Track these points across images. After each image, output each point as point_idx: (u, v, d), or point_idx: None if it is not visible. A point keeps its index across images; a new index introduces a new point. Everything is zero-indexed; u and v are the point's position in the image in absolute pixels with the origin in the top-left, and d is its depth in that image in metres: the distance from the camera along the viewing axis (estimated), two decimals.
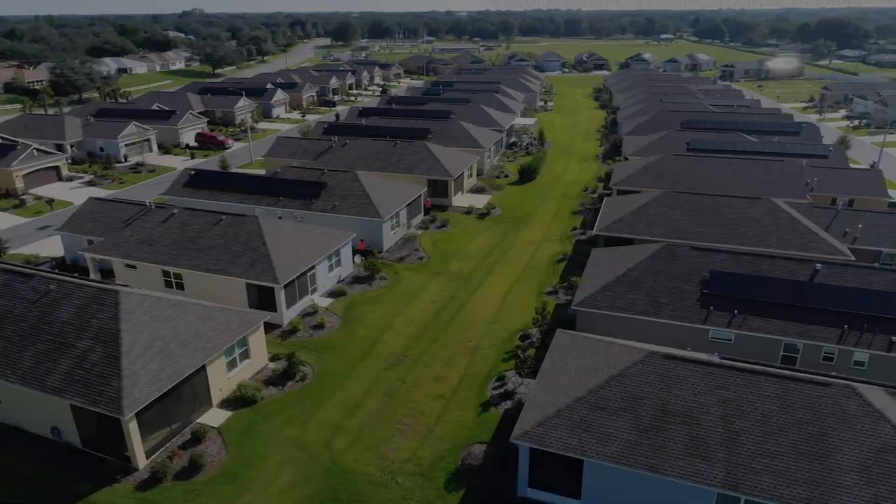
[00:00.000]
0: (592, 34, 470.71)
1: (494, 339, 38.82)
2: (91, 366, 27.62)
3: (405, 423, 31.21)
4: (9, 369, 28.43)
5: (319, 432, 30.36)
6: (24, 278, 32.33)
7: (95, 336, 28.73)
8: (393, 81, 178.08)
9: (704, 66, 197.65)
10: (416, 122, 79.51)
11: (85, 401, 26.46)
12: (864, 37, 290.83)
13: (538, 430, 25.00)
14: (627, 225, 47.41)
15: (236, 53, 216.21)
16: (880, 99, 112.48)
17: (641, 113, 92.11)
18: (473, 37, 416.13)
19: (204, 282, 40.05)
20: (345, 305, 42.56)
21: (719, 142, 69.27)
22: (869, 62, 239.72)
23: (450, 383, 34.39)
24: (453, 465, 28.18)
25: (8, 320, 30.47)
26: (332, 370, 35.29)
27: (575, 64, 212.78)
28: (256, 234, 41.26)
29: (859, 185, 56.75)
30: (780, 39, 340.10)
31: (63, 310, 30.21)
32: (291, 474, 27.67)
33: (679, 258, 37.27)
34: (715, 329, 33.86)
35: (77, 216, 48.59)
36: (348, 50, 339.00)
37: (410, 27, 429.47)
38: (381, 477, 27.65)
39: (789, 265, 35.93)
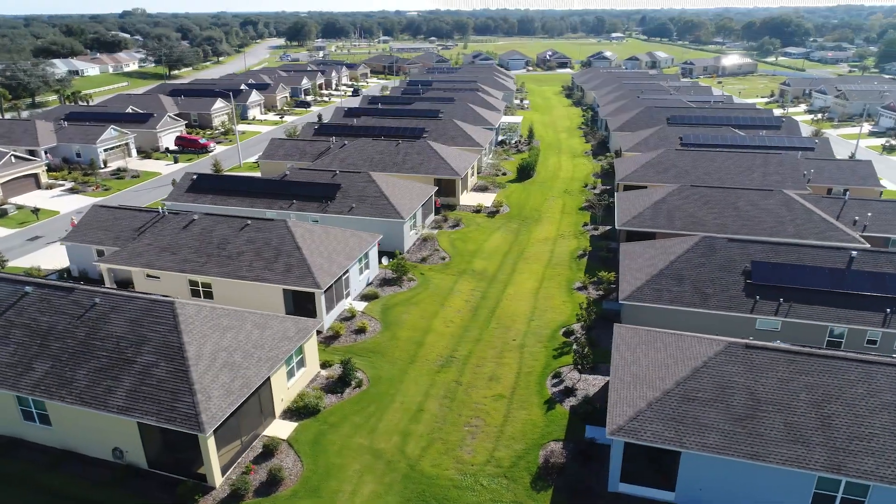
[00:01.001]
0: (545, 33, 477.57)
1: (538, 337, 38.80)
2: (158, 381, 26.19)
3: (473, 424, 30.84)
4: (63, 390, 26.68)
5: (390, 439, 29.66)
6: (64, 292, 30.41)
7: (156, 350, 27.26)
8: (361, 81, 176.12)
9: (663, 64, 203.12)
10: (411, 121, 78.73)
11: (158, 419, 25.06)
12: (805, 35, 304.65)
13: (632, 425, 25.07)
14: (648, 219, 48.15)
15: (193, 54, 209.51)
16: (840, 93, 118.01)
17: (624, 110, 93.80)
18: (429, 36, 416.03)
19: (236, 289, 38.59)
20: (380, 308, 41.76)
21: (710, 136, 71.17)
22: (812, 59, 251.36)
23: (506, 382, 34.18)
24: (535, 465, 28.00)
25: (53, 337, 28.60)
26: (385, 375, 34.55)
27: (538, 62, 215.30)
28: (288, 239, 40.02)
29: (852, 175, 59.30)
30: (725, 38, 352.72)
31: (114, 324, 28.56)
32: (373, 483, 26.93)
33: (718, 250, 38.09)
34: (762, 318, 34.74)
35: (83, 225, 46.05)
36: (304, 50, 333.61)
37: (365, 27, 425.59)
38: (464, 481, 27.22)
39: (822, 253, 37.18)
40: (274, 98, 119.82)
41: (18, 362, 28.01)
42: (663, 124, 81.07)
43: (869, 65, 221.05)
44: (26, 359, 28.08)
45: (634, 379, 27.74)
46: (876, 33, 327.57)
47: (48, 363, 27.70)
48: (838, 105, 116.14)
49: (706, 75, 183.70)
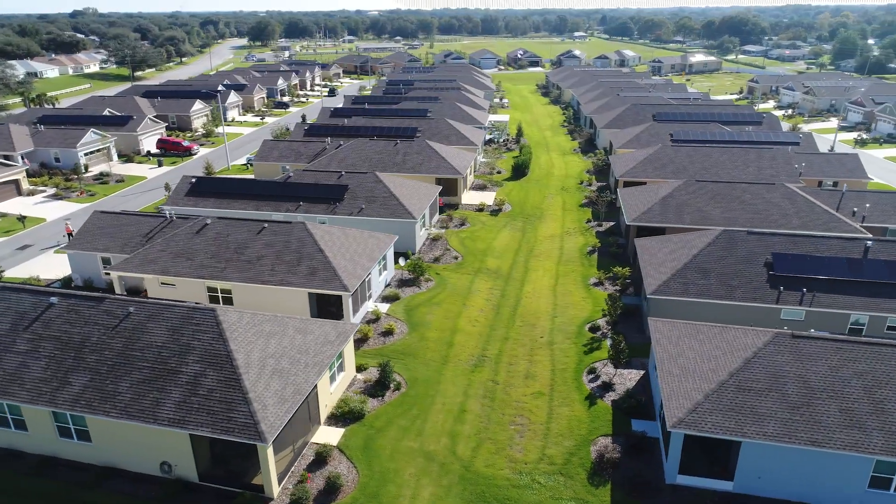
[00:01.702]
0: (509, 32, 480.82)
1: (565, 333, 38.97)
2: (208, 391, 25.33)
3: (518, 423, 30.77)
4: (106, 404, 25.56)
5: (439, 440, 29.37)
6: (93, 302, 29.14)
7: (202, 359, 26.37)
8: (335, 81, 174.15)
9: (631, 62, 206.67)
10: (403, 120, 78.20)
11: (214, 430, 24.22)
12: (762, 33, 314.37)
13: (692, 417, 25.38)
14: (658, 214, 48.87)
15: (156, 55, 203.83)
16: (808, 90, 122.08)
17: (608, 108, 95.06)
18: (394, 36, 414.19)
19: (258, 294, 37.65)
20: (403, 309, 41.32)
21: (698, 132, 72.71)
22: (771, 56, 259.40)
23: (543, 380, 34.22)
24: (588, 461, 28.09)
25: (88, 349, 27.37)
26: (421, 376, 34.19)
27: (510, 61, 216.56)
28: (309, 241, 39.24)
29: (841, 167, 61.39)
30: (686, 37, 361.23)
31: (153, 333, 27.51)
32: (432, 486, 26.61)
33: (738, 243, 38.91)
34: (787, 308, 35.62)
35: (85, 232, 44.26)
36: (269, 50, 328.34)
37: (329, 26, 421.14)
38: (520, 479, 27.14)
39: (838, 244, 38.32)
40: (251, 99, 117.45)
41: (53, 376, 26.73)
42: (650, 121, 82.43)
43: (825, 62, 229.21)
44: (61, 373, 26.81)
45: (683, 371, 28.10)
46: (826, 32, 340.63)
47: (86, 376, 26.50)
48: (807, 101, 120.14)
49: (674, 73, 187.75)
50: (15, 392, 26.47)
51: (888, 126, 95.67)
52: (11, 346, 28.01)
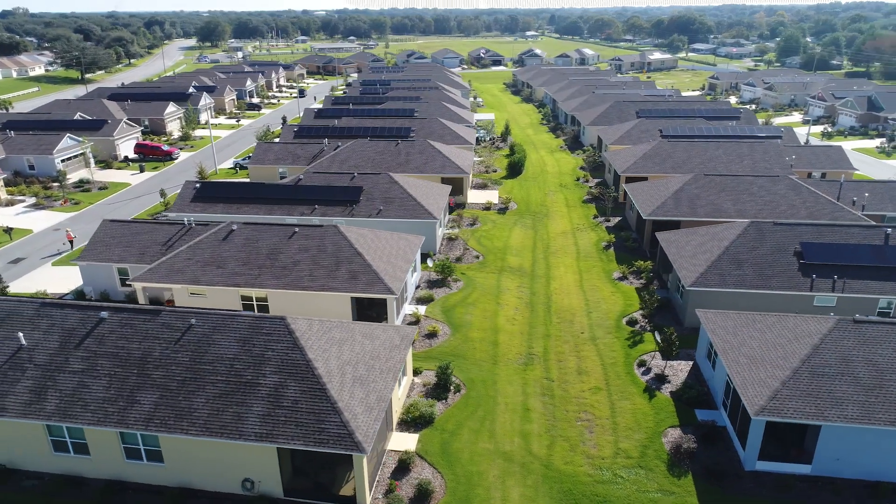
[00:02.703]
0: (461, 32, 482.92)
1: (604, 328, 39.36)
2: (293, 403, 24.39)
3: (584, 419, 30.89)
4: (183, 422, 24.29)
5: (512, 440, 29.19)
6: (149, 315, 27.65)
7: (280, 369, 25.38)
8: (302, 82, 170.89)
9: (591, 61, 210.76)
10: (395, 120, 77.38)
11: (306, 443, 23.33)
12: (708, 32, 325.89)
13: (773, 404, 26.01)
14: (672, 208, 49.91)
15: (106, 57, 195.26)
16: (769, 85, 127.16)
17: (589, 105, 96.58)
18: (347, 35, 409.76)
19: (296, 301, 36.55)
20: (440, 310, 40.90)
21: (686, 128, 74.69)
22: (719, 54, 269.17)
23: (596, 375, 34.46)
24: (663, 453, 28.43)
25: (152, 365, 25.96)
26: (476, 377, 33.91)
27: (472, 60, 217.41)
28: (345, 245, 38.35)
29: (827, 159, 64.19)
30: (635, 35, 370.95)
31: (221, 345, 26.32)
32: (518, 487, 26.42)
33: (766, 234, 40.14)
34: (820, 295, 36.98)
35: (97, 243, 41.97)
36: (219, 51, 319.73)
37: (280, 26, 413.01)
38: (602, 475, 27.24)
39: (858, 232, 40.02)
40: (223, 101, 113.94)
41: (117, 396, 25.22)
42: (634, 118, 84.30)
43: (771, 59, 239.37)
44: (126, 391, 25.33)
45: (751, 360, 28.77)
46: (767, 30, 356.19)
47: (155, 394, 25.12)
48: (769, 97, 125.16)
49: (635, 70, 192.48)
50: (78, 414, 24.86)
51: (850, 119, 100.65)
52: (65, 366, 26.31)
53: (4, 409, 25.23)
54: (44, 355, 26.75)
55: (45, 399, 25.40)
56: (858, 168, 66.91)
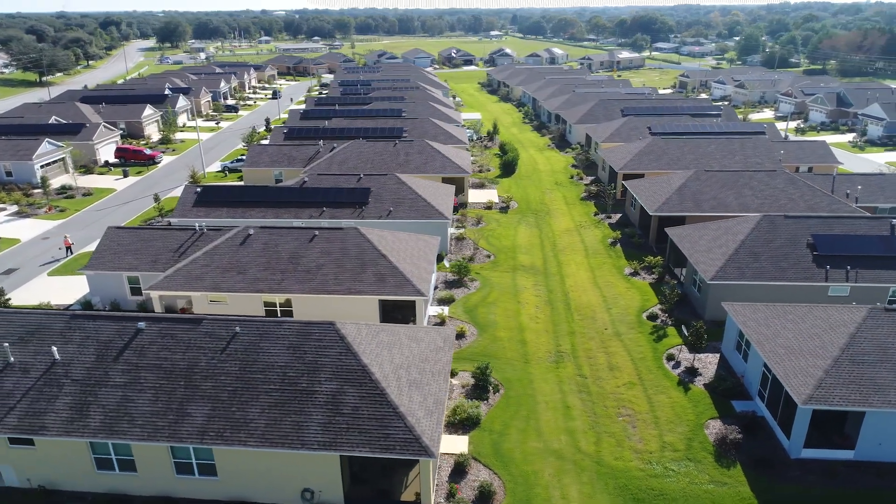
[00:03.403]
0: (425, 32, 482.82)
1: (626, 323, 39.77)
2: (353, 410, 23.90)
3: (625, 414, 31.15)
4: (240, 433, 23.53)
5: (559, 438, 29.24)
6: (190, 325, 26.72)
7: (336, 375, 24.84)
8: (275, 83, 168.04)
9: (560, 60, 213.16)
10: (386, 121, 76.77)
11: (372, 450, 22.88)
12: (669, 31, 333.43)
13: (819, 393, 26.66)
14: (677, 204, 50.76)
15: (66, 58, 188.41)
16: (739, 83, 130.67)
17: (573, 104, 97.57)
18: (311, 36, 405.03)
19: (321, 305, 35.86)
20: (462, 310, 40.71)
21: (673, 125, 76.10)
22: (682, 53, 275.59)
23: (627, 370, 34.79)
24: (708, 444, 28.87)
25: (199, 376, 25.09)
26: (511, 377, 33.86)
27: (443, 60, 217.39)
28: (368, 247, 37.82)
29: (812, 154, 66.28)
30: (598, 35, 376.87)
31: (270, 353, 25.62)
32: (576, 484, 26.46)
33: (778, 227, 41.18)
34: (835, 285, 38.13)
35: (104, 251, 40.39)
36: (181, 52, 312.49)
37: (242, 26, 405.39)
38: (654, 469, 27.50)
39: (865, 223, 41.39)
40: (199, 103, 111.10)
41: (166, 409, 24.29)
42: (619, 116, 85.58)
43: (732, 57, 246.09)
44: (175, 404, 24.42)
45: (788, 351, 29.45)
46: (725, 30, 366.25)
47: (206, 406, 24.28)
48: (739, 94, 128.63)
49: (604, 69, 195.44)
50: (126, 430, 23.84)
51: (820, 115, 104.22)
52: (105, 380, 25.21)
53: (45, 428, 24.05)
54: (80, 370, 25.59)
55: (88, 415, 24.30)
56: (843, 163, 69.19)
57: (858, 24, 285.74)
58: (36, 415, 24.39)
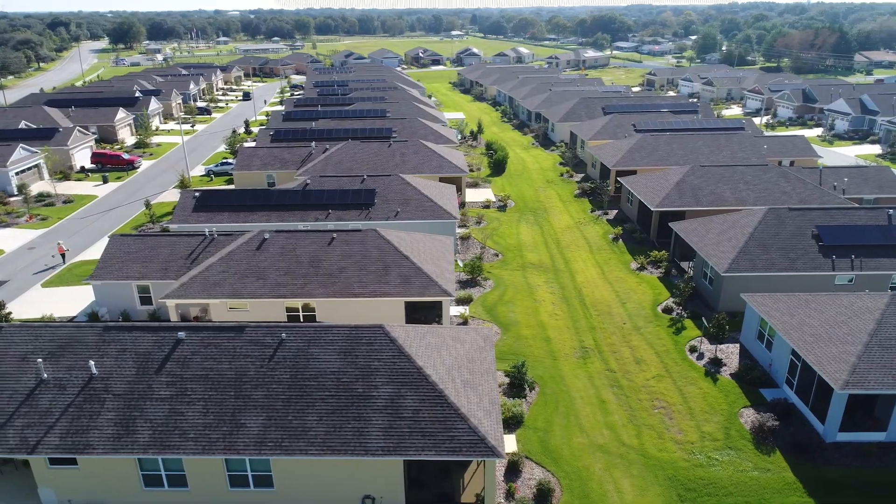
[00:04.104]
0: (385, 32, 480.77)
1: (643, 317, 40.39)
2: (414, 413, 23.59)
3: (660, 406, 31.64)
4: (300, 442, 22.96)
5: (602, 433, 29.50)
6: (233, 333, 25.94)
7: (391, 379, 24.48)
8: (243, 85, 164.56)
9: (527, 59, 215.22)
10: (374, 122, 76.10)
11: (438, 452, 22.62)
12: (628, 31, 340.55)
13: (855, 378, 27.57)
14: (677, 199, 51.82)
15: (17, 61, 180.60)
16: (706, 80, 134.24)
17: (551, 103, 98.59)
18: (270, 36, 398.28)
19: (345, 308, 35.30)
20: (482, 310, 40.68)
21: (657, 122, 77.65)
22: (642, 52, 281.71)
23: (653, 363, 35.34)
24: (745, 432, 29.54)
25: (249, 385, 24.37)
26: (544, 374, 33.99)
27: (411, 60, 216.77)
28: (389, 248, 37.40)
29: (793, 148, 68.59)
30: (559, 34, 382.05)
31: (321, 359, 25.08)
32: (628, 478, 26.74)
33: (784, 219, 42.46)
34: (841, 274, 39.56)
35: (111, 260, 38.84)
36: (136, 53, 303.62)
37: (198, 27, 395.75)
38: (699, 459, 28.01)
39: (864, 214, 43.03)
40: (170, 105, 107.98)
41: (218, 421, 23.51)
42: (601, 114, 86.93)
43: (691, 55, 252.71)
44: (227, 415, 23.66)
45: (816, 339, 30.39)
46: (681, 29, 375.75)
47: (261, 415, 23.60)
48: (707, 91, 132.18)
49: (571, 68, 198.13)
50: (178, 444, 22.97)
51: (787, 111, 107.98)
52: (150, 393, 24.25)
53: (90, 446, 22.97)
54: (121, 384, 24.55)
55: (136, 431, 23.32)
56: (823, 156, 71.79)
57: (805, 23, 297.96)
58: (79, 433, 23.28)
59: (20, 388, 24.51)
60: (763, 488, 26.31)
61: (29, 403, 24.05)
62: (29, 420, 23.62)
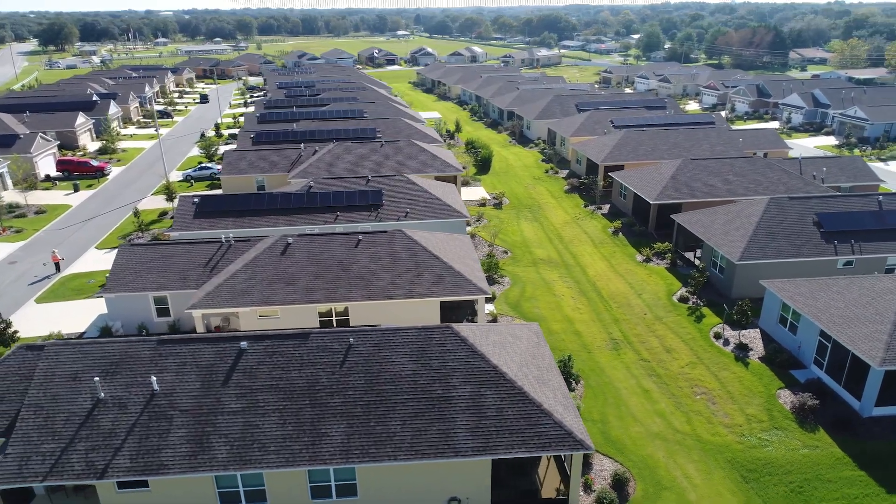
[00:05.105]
0: (329, 32, 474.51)
1: (662, 307, 41.46)
2: (498, 411, 23.48)
3: (701, 392, 32.58)
4: (386, 447, 22.48)
5: (654, 421, 30.15)
6: (298, 340, 25.15)
7: (469, 379, 24.29)
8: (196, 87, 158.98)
9: (481, 58, 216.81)
10: (359, 122, 75.05)
11: (528, 449, 22.60)
12: (573, 30, 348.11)
13: (890, 355, 29.18)
14: (673, 192, 53.36)
15: None
16: (662, 77, 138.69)
17: (523, 101, 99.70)
18: (212, 37, 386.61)
19: (380, 310, 34.79)
20: (508, 307, 40.81)
21: (633, 118, 79.79)
22: (589, 50, 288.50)
23: (684, 351, 36.34)
24: (786, 412, 30.78)
25: (324, 393, 23.69)
26: (583, 368, 34.42)
27: (366, 60, 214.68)
28: (419, 248, 37.05)
29: (765, 141, 71.73)
30: (505, 34, 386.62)
31: (393, 362, 24.64)
32: (691, 463, 27.42)
33: (785, 208, 44.42)
34: (842, 258, 41.73)
35: (122, 271, 36.88)
36: (69, 55, 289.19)
37: (134, 27, 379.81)
38: (750, 441, 29.00)
39: (857, 201, 45.49)
40: (128, 109, 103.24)
41: (299, 431, 22.75)
42: (575, 111, 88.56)
43: (637, 54, 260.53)
44: (306, 425, 22.92)
45: (845, 320, 31.97)
46: (622, 28, 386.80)
47: (341, 423, 22.98)
48: (663, 87, 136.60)
49: (526, 67, 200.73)
50: (259, 458, 22.09)
51: (743, 106, 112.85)
52: (220, 407, 23.22)
53: (165, 467, 21.81)
54: (187, 399, 23.42)
55: (211, 447, 22.29)
56: (793, 148, 75.42)
57: (737, 21, 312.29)
58: (150, 453, 22.06)
59: (77, 410, 23.02)
60: (816, 464, 27.49)
61: (89, 425, 22.62)
62: (92, 443, 22.21)
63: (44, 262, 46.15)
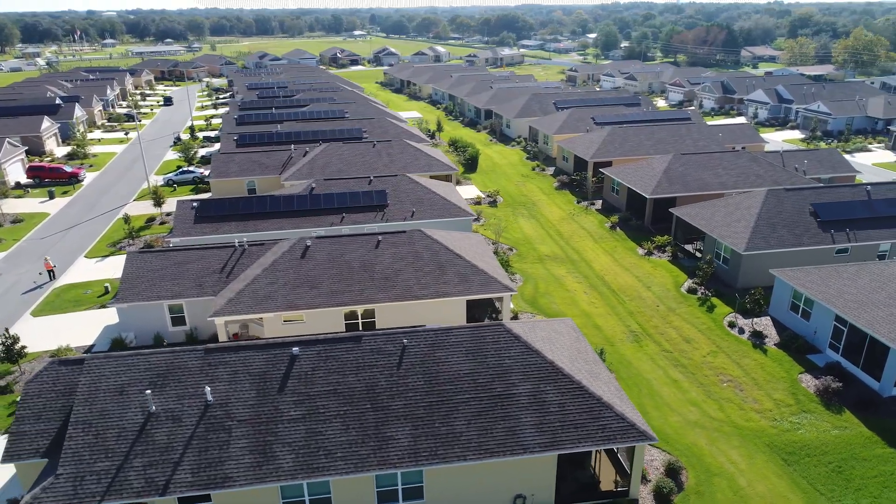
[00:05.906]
0: (284, 32, 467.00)
1: (673, 298, 42.33)
2: (560, 406, 23.56)
3: (726, 379, 33.41)
4: (454, 448, 22.26)
5: (689, 410, 30.78)
6: (351, 343, 24.65)
7: (528, 376, 24.30)
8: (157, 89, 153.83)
9: (444, 58, 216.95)
10: (343, 122, 74.08)
11: (595, 442, 22.75)
12: (530, 29, 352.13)
13: None
14: (667, 187, 54.57)
15: None
16: (627, 75, 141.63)
17: (500, 100, 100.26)
18: (162, 38, 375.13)
19: (406, 310, 34.45)
20: (526, 303, 40.94)
21: (613, 115, 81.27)
22: (548, 49, 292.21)
23: (703, 341, 37.20)
24: (811, 395, 31.86)
25: (384, 396, 23.30)
26: (612, 361, 34.82)
27: (329, 61, 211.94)
28: (440, 248, 36.84)
29: (742, 135, 74.16)
30: (463, 33, 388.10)
31: (449, 362, 24.43)
32: (733, 449, 28.08)
33: (782, 199, 45.98)
34: (839, 245, 43.49)
35: (132, 280, 35.39)
36: (10, 58, 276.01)
37: (81, 28, 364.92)
38: (782, 425, 29.91)
39: (847, 191, 47.41)
40: (92, 112, 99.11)
41: (363, 436, 22.30)
42: (553, 109, 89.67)
43: (596, 52, 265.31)
44: (370, 429, 22.48)
45: (860, 305, 33.32)
46: (578, 27, 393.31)
47: (406, 426, 22.64)
48: (630, 85, 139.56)
49: (490, 66, 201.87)
50: (327, 465, 21.55)
51: (710, 102, 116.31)
52: (279, 415, 22.56)
53: (230, 479, 21.04)
54: (243, 408, 22.67)
55: (276, 457, 21.63)
56: (769, 142, 78.08)
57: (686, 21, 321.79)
58: (212, 466, 21.26)
59: (127, 425, 21.99)
60: (849, 444, 28.54)
61: (143, 440, 21.64)
62: (149, 458, 21.26)
63: (39, 271, 43.89)
